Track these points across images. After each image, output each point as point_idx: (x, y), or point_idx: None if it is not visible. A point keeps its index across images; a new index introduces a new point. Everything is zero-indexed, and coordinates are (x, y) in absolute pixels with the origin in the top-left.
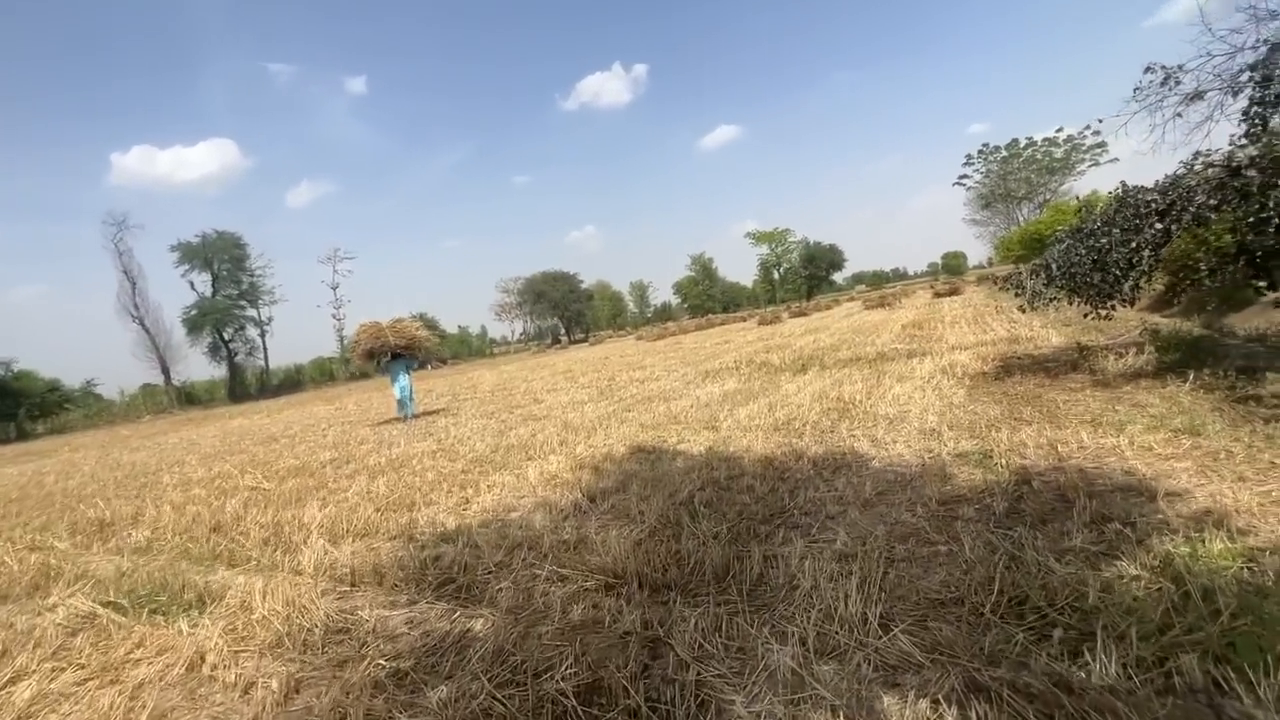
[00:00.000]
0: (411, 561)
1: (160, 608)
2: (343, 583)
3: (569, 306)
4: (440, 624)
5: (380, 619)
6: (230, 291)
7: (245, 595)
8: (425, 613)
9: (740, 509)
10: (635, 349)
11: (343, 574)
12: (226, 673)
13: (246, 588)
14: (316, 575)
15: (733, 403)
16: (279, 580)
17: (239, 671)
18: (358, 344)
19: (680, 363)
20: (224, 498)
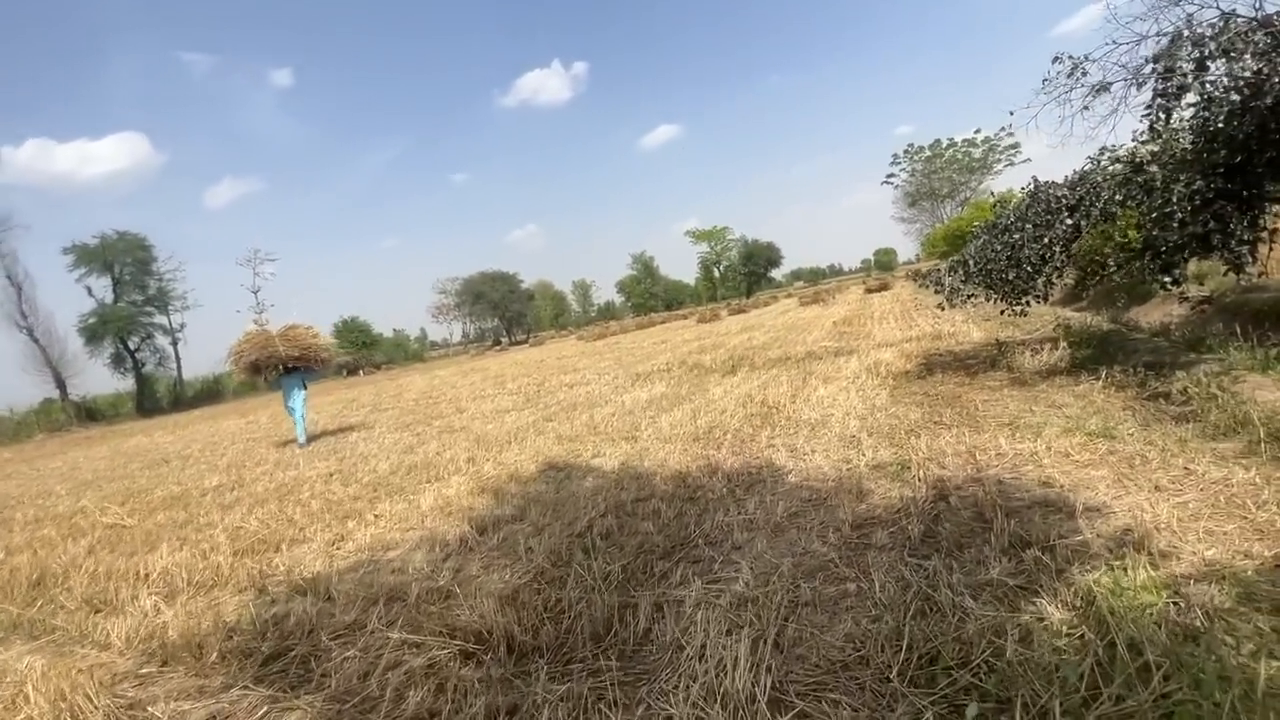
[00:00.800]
0: (249, 625)
1: None
2: (153, 659)
3: (509, 307)
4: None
5: (177, 717)
6: (135, 297)
7: (16, 686)
8: (236, 704)
9: (641, 540)
10: (574, 350)
11: (158, 646)
12: None
13: (23, 673)
14: (127, 649)
15: (657, 409)
16: (69, 662)
17: None
18: (240, 355)
19: (614, 364)
20: (70, 540)
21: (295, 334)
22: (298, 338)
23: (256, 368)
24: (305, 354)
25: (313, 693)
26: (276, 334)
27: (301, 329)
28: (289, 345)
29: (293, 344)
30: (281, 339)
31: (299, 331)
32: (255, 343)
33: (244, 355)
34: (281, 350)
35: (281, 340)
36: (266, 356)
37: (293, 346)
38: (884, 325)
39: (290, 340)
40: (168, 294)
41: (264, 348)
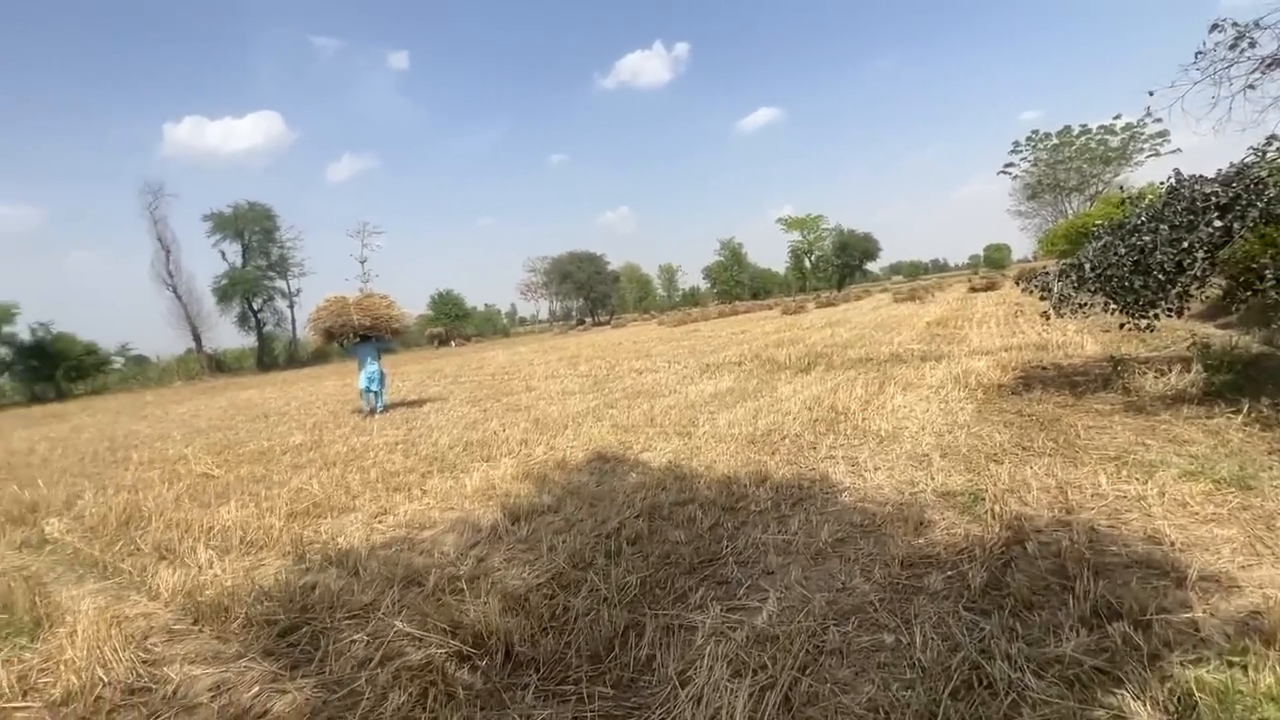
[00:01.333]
0: (278, 593)
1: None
2: (187, 616)
3: (594, 288)
4: (246, 694)
5: (187, 681)
6: (260, 263)
7: (70, 627)
8: (242, 675)
9: (668, 550)
10: (652, 335)
11: (195, 603)
12: None
13: (78, 616)
14: (170, 602)
15: (720, 404)
16: (119, 608)
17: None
18: (317, 320)
19: (688, 353)
20: (165, 485)
21: (370, 303)
22: (372, 307)
23: (331, 334)
24: (377, 323)
25: (310, 675)
26: (352, 302)
27: (377, 298)
28: (363, 314)
29: (366, 313)
30: (356, 307)
31: (374, 301)
32: (331, 309)
33: (320, 321)
34: (355, 319)
35: (356, 309)
36: (340, 324)
37: (366, 315)
38: (983, 329)
39: (364, 309)
40: (287, 260)
41: (339, 315)
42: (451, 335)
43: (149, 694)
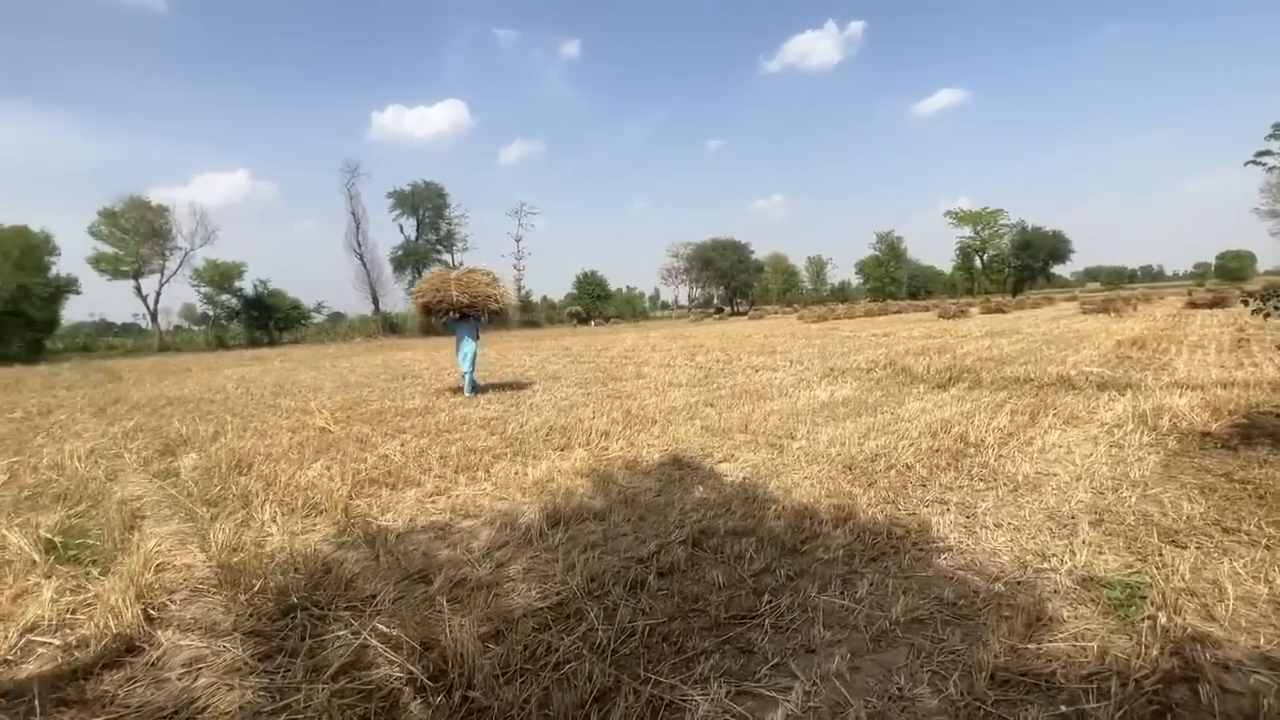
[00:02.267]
0: (302, 565)
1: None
2: (211, 579)
3: (735, 276)
4: (202, 680)
5: (171, 651)
6: (430, 237)
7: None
8: (217, 655)
9: (698, 594)
10: (786, 329)
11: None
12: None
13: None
14: (210, 560)
15: (830, 416)
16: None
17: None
18: (418, 295)
19: (817, 352)
20: (289, 435)
21: (470, 279)
22: (472, 284)
23: (429, 309)
24: (476, 302)
25: (269, 674)
26: (453, 278)
27: (479, 274)
28: (462, 290)
29: (466, 290)
30: (456, 283)
31: (475, 277)
32: (432, 284)
33: (421, 295)
34: (455, 295)
35: (456, 285)
36: (438, 300)
37: (465, 292)
38: (1196, 356)
39: (464, 286)
40: (454, 236)
41: (438, 290)
42: (593, 315)
43: (137, 656)
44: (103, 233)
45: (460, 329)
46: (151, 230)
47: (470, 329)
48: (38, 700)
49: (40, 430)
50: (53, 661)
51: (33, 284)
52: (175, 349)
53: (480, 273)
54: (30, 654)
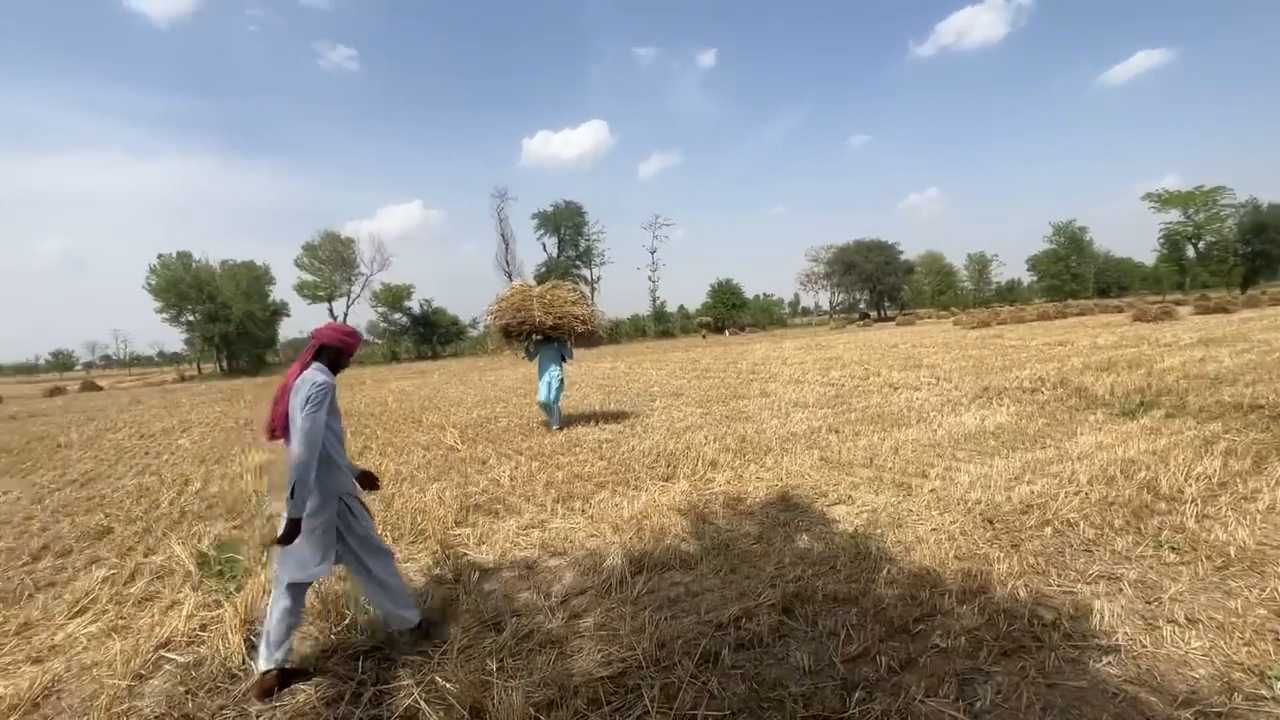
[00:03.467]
0: None
1: (209, 572)
2: (318, 603)
3: (882, 279)
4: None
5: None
6: (570, 253)
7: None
8: (296, 694)
9: (773, 683)
10: (939, 338)
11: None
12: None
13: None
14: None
15: (976, 449)
16: None
17: None
18: (498, 315)
19: (972, 367)
20: (423, 451)
21: (555, 296)
22: (556, 301)
23: (509, 332)
24: (561, 323)
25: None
26: (535, 295)
27: (564, 290)
28: (546, 310)
29: (549, 309)
30: (539, 302)
31: (560, 294)
32: (512, 303)
33: (500, 316)
34: (538, 315)
35: (539, 304)
36: (519, 322)
37: (549, 312)
38: None
39: (548, 305)
40: (592, 251)
41: (519, 310)
42: (727, 324)
43: (234, 685)
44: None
45: (544, 353)
46: (341, 259)
47: (555, 354)
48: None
49: (240, 440)
50: (173, 679)
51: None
52: (359, 362)
53: (565, 289)
54: (159, 669)
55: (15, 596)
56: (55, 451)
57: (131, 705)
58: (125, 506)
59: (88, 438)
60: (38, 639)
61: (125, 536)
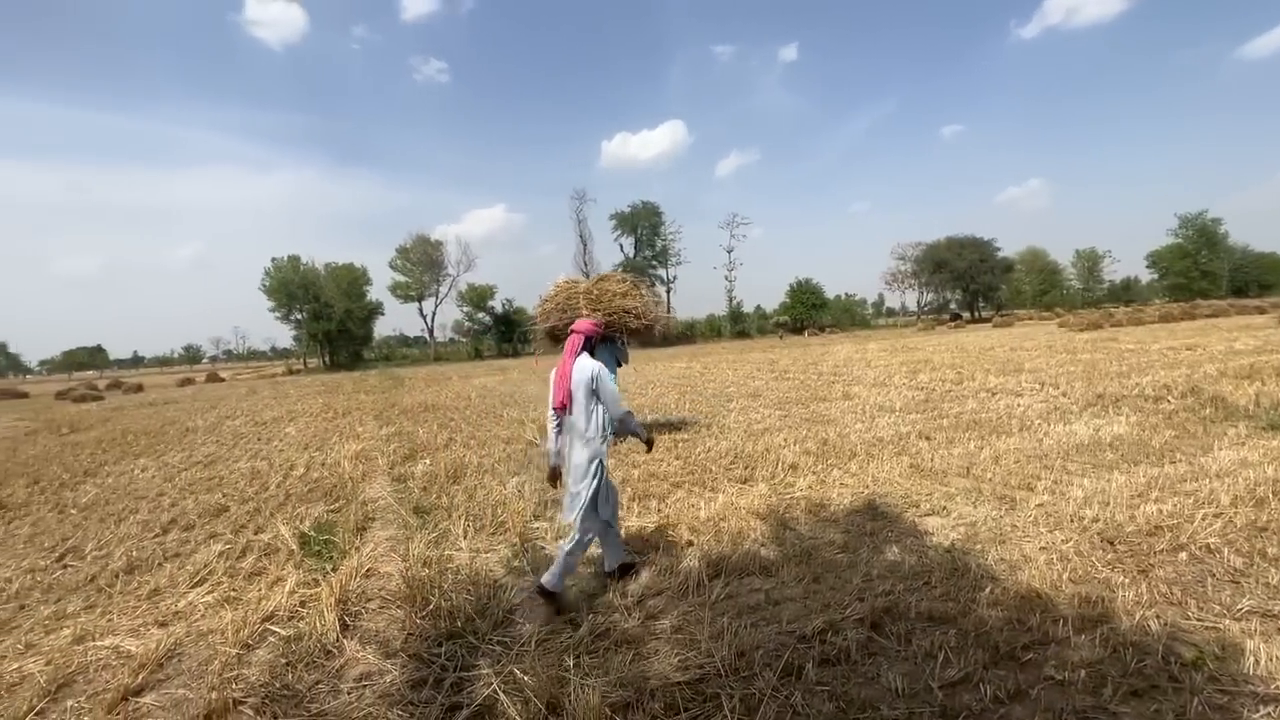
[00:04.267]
0: (479, 588)
1: (309, 551)
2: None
3: (976, 278)
4: (364, 699)
5: (351, 661)
6: (647, 253)
7: (336, 575)
8: (380, 677)
9: (862, 704)
10: (1042, 341)
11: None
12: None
13: (350, 563)
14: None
15: (1091, 462)
16: (377, 565)
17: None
18: (543, 316)
19: (1082, 372)
20: (503, 445)
21: (603, 290)
22: (604, 295)
23: (556, 335)
24: (612, 319)
25: (415, 705)
26: (582, 290)
27: (612, 282)
28: (594, 306)
29: (597, 304)
30: (586, 297)
31: (608, 286)
32: (557, 302)
33: (546, 317)
34: (585, 312)
35: (586, 300)
36: (566, 322)
37: (597, 308)
38: None
39: (595, 300)
40: (668, 251)
41: (564, 310)
42: (806, 325)
43: (329, 661)
44: (398, 265)
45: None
46: (430, 261)
47: (609, 357)
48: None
49: (336, 430)
50: (276, 651)
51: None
52: (445, 359)
53: (615, 279)
54: (264, 641)
55: (147, 565)
56: (184, 435)
57: (240, 673)
58: (239, 487)
59: (210, 424)
60: (164, 604)
61: (239, 515)
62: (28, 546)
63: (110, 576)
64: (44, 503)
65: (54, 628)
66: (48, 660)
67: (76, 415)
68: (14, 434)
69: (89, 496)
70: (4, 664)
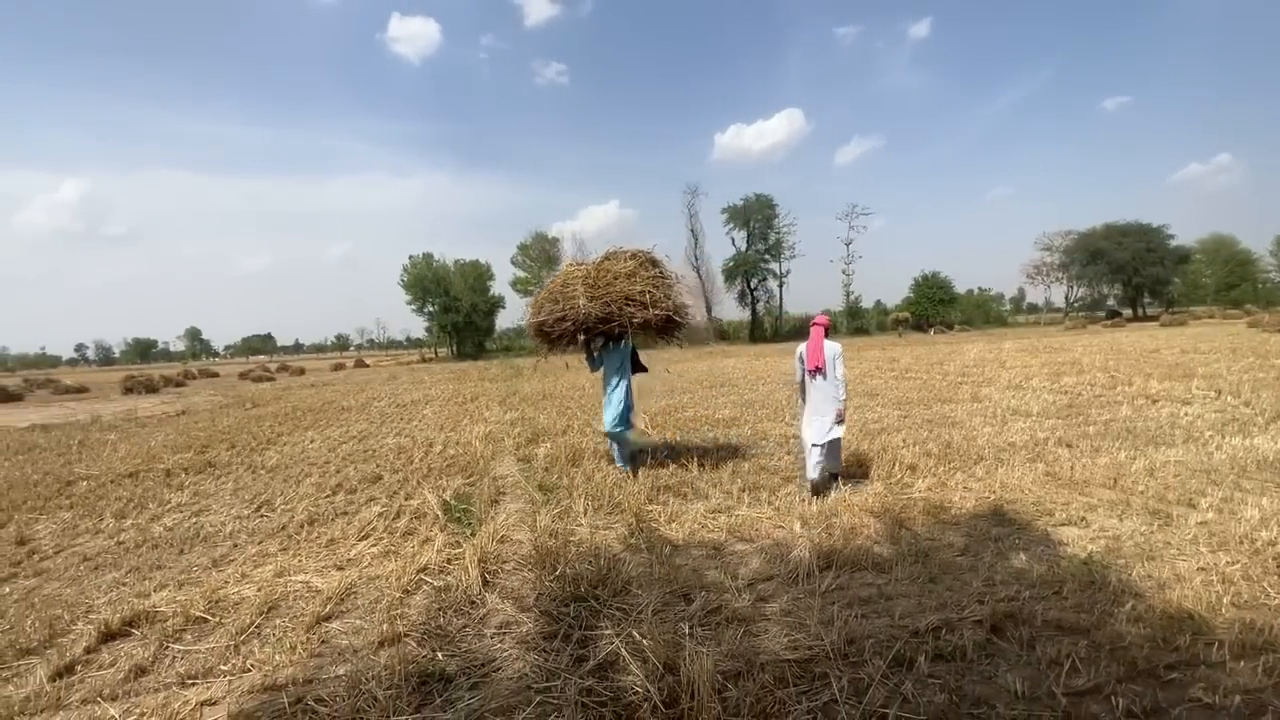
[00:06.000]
0: (599, 560)
1: (451, 517)
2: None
3: (1141, 270)
4: (504, 646)
5: (492, 613)
6: (759, 246)
7: (473, 542)
8: (520, 625)
9: (976, 700)
10: (1225, 342)
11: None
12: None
13: (485, 531)
14: (538, 536)
15: (1270, 480)
16: (509, 532)
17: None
18: (537, 307)
19: (1273, 381)
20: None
21: (606, 271)
22: (602, 278)
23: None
24: (611, 311)
25: (548, 653)
26: (581, 275)
27: (620, 262)
28: (592, 293)
29: (598, 292)
30: (584, 283)
31: (611, 266)
32: (551, 292)
33: (539, 310)
34: (581, 303)
35: (584, 286)
36: (558, 318)
37: (597, 295)
38: None
39: (594, 286)
40: (781, 244)
41: (558, 301)
42: (929, 323)
43: (474, 610)
44: (518, 261)
45: (608, 360)
46: (547, 257)
47: (618, 359)
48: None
49: (466, 414)
50: (430, 597)
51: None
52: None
53: (623, 257)
54: (419, 588)
55: (324, 519)
56: (341, 414)
57: (402, 612)
58: (389, 459)
59: (360, 404)
60: (339, 552)
61: (391, 483)
62: (233, 498)
63: (296, 527)
64: (240, 464)
65: (260, 563)
66: (259, 588)
67: (256, 393)
68: (211, 407)
69: (273, 461)
70: (228, 588)
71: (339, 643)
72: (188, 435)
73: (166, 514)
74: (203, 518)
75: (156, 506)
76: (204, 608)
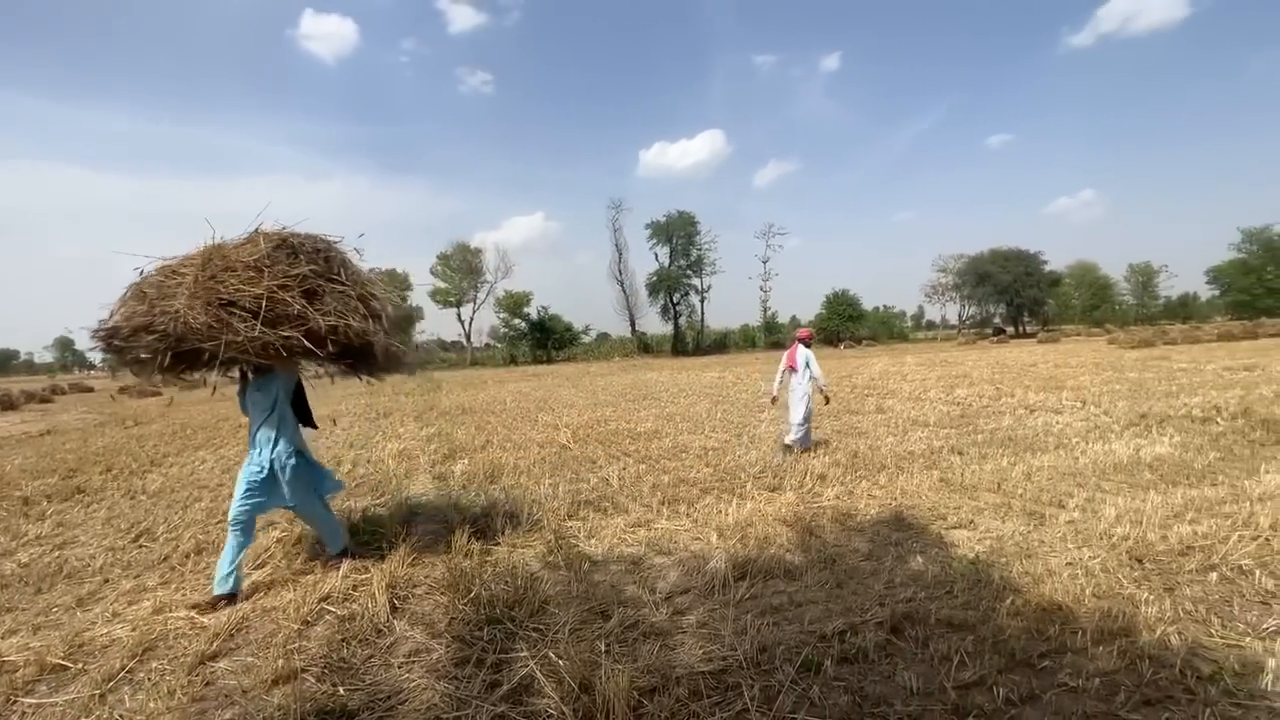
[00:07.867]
0: (516, 580)
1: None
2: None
3: (1021, 292)
4: (412, 676)
5: (401, 640)
6: (681, 262)
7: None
8: (430, 653)
9: (877, 700)
10: (1089, 358)
11: (458, 568)
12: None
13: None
14: (452, 558)
15: (1126, 482)
16: (425, 555)
17: None
18: (116, 309)
19: (1129, 391)
20: (538, 448)
21: (232, 261)
22: (226, 274)
23: (117, 345)
24: (211, 324)
25: (459, 680)
26: (193, 264)
27: (248, 249)
28: (199, 294)
29: (208, 291)
30: (195, 279)
31: (236, 255)
32: (137, 291)
33: (120, 309)
34: (181, 305)
35: (194, 282)
36: (144, 324)
37: (207, 299)
38: None
39: (210, 285)
40: (703, 260)
41: (152, 304)
42: (840, 338)
43: (381, 639)
44: (438, 271)
45: (254, 397)
46: (469, 268)
47: (265, 400)
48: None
49: (379, 429)
50: (332, 628)
51: None
52: (481, 364)
53: (245, 249)
54: (320, 618)
55: (214, 547)
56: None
57: (301, 645)
58: None
59: None
60: None
61: None
62: (106, 527)
63: (181, 557)
64: (116, 489)
65: (135, 599)
66: (133, 627)
67: (139, 409)
68: (84, 426)
69: (156, 485)
70: (95, 629)
71: (226, 684)
72: (52, 458)
73: (21, 548)
74: (67, 550)
75: (9, 540)
76: (64, 653)
